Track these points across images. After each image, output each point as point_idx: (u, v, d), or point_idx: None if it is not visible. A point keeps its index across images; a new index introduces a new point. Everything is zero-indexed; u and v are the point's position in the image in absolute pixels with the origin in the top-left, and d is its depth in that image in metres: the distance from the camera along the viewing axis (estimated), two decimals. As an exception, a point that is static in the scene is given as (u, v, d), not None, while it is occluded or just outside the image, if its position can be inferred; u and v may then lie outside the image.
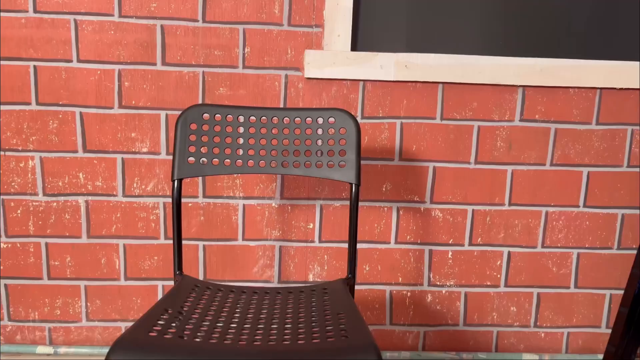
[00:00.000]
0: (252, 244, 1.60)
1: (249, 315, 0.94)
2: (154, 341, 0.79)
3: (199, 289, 1.03)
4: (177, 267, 1.08)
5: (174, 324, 0.86)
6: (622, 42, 1.60)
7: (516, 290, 1.66)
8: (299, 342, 0.84)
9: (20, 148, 1.52)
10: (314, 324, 0.90)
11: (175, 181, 1.08)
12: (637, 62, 1.54)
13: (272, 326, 0.90)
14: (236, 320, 0.92)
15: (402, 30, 1.56)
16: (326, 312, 0.95)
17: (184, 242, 1.58)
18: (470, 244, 1.63)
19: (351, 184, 1.12)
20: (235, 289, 1.06)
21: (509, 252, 1.64)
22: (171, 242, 1.58)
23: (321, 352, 0.79)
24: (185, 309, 0.93)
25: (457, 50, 1.58)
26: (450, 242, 1.62)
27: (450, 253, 1.63)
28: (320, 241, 1.60)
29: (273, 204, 1.58)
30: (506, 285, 1.65)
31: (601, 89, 1.56)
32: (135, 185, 1.55)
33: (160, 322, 0.86)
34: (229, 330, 0.87)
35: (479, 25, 1.57)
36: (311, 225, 1.60)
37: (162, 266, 1.59)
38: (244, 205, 1.57)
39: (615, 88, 1.56)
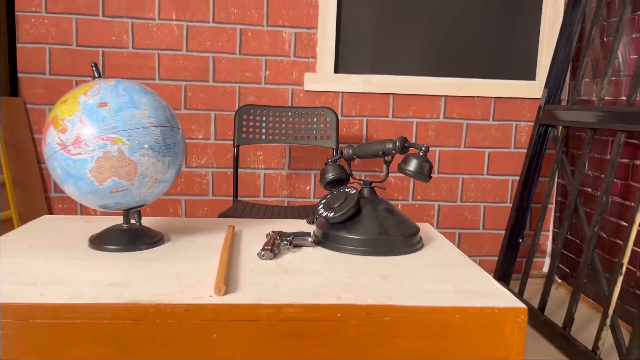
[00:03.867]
0: (269, 199, 2.42)
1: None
2: (237, 215, 1.62)
3: (248, 205, 1.85)
4: (235, 195, 1.91)
5: (243, 211, 1.69)
6: (508, 68, 2.48)
7: (444, 231, 2.50)
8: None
9: (119, 135, 2.33)
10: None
11: (235, 147, 1.91)
12: (517, 81, 2.41)
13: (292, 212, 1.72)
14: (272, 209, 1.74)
15: (366, 60, 2.42)
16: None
17: (224, 198, 2.41)
18: (413, 200, 2.47)
19: (333, 148, 1.96)
20: (267, 205, 1.88)
21: (439, 205, 2.48)
22: (217, 198, 2.40)
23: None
24: (245, 208, 1.76)
25: (402, 72, 2.44)
26: (399, 198, 2.46)
27: (399, 205, 2.46)
28: (314, 198, 2.43)
29: (283, 173, 2.41)
30: (437, 228, 2.49)
31: (495, 98, 2.42)
32: (193, 159, 2.37)
33: (236, 211, 1.69)
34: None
35: (416, 57, 2.44)
36: (308, 187, 2.43)
37: (209, 214, 2.41)
38: (264, 173, 2.40)
39: (504, 97, 2.42)
